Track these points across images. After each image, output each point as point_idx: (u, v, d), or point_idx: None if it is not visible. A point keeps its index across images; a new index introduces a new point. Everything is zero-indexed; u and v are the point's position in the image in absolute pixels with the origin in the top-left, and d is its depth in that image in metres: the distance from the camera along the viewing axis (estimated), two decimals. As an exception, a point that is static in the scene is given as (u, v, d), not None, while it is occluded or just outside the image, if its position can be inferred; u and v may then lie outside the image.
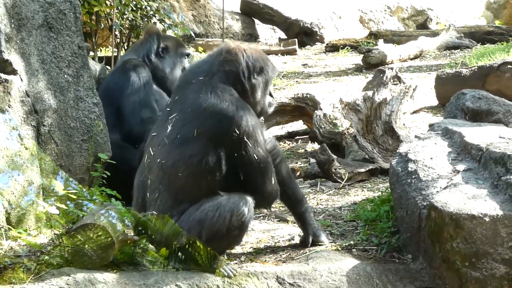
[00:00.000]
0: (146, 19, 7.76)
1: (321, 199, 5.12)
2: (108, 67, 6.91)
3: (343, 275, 3.59)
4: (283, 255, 3.87)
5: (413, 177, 3.92)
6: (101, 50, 9.30)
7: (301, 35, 13.58)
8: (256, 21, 14.37)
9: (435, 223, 3.52)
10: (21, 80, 4.02)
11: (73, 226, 3.32)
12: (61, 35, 4.35)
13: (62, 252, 3.25)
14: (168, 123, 3.66)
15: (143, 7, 7.69)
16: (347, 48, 12.61)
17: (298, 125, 7.47)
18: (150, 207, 3.64)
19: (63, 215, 3.71)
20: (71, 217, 3.77)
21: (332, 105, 6.40)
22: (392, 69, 7.07)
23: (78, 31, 4.45)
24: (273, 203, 3.90)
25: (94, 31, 7.63)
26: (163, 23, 7.79)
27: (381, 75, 6.90)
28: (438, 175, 3.85)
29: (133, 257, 3.40)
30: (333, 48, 12.75)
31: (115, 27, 7.45)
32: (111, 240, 3.22)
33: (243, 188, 3.64)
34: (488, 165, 3.73)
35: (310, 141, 6.76)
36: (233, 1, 13.88)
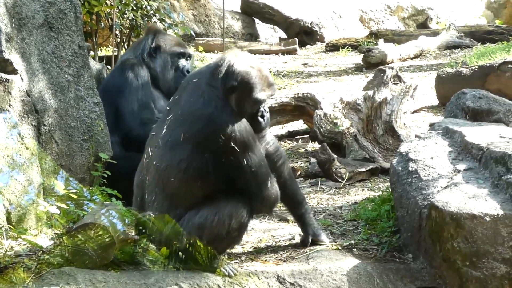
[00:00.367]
0: (146, 18, 7.75)
1: (321, 199, 5.12)
2: (109, 66, 6.90)
3: (343, 274, 3.59)
4: (283, 254, 3.86)
5: (414, 176, 3.92)
6: (101, 50, 9.28)
7: (302, 34, 13.58)
8: (257, 20, 14.36)
9: (436, 222, 3.52)
10: (22, 79, 4.02)
11: (73, 226, 3.32)
12: (61, 35, 4.35)
13: (63, 252, 3.24)
14: (164, 124, 3.63)
15: (144, 6, 7.68)
16: (347, 48, 12.61)
17: (299, 124, 7.47)
18: (148, 208, 3.63)
19: (63, 215, 3.71)
20: (71, 216, 3.77)
21: (332, 105, 6.40)
22: (392, 68, 7.09)
23: (78, 31, 4.45)
24: (273, 207, 3.80)
25: (95, 30, 7.63)
26: (163, 23, 7.78)
27: (382, 74, 6.91)
28: (439, 174, 3.85)
29: (134, 256, 3.40)
30: (333, 47, 12.75)
31: (115, 26, 7.44)
32: (111, 240, 3.22)
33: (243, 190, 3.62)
34: (488, 165, 3.72)
35: (310, 141, 6.75)
36: (233, 1, 13.88)
